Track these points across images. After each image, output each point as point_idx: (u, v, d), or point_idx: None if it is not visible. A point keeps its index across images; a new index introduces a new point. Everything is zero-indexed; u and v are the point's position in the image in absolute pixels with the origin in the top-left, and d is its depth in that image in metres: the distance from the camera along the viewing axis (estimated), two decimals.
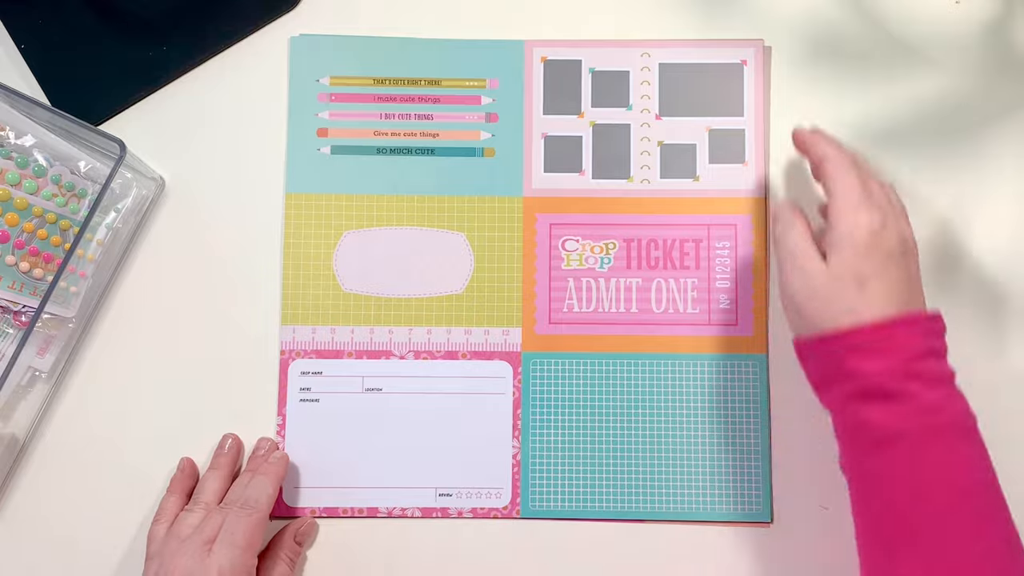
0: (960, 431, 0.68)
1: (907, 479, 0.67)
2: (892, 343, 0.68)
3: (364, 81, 0.88)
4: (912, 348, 0.68)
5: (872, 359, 0.68)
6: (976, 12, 0.89)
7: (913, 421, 0.67)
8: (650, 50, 0.88)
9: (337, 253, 0.86)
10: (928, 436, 0.67)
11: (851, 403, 0.69)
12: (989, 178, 0.87)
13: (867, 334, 0.68)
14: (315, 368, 0.86)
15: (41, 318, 0.79)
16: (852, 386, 0.69)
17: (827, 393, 0.71)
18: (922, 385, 0.67)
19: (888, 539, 0.68)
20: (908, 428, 0.67)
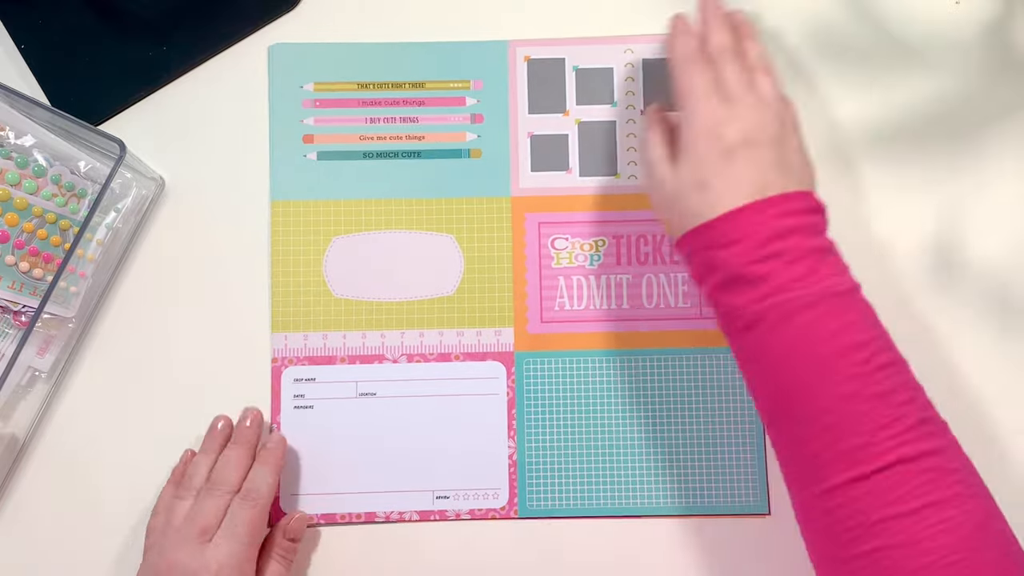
0: (830, 298, 0.75)
1: (772, 356, 0.76)
2: (740, 230, 0.76)
3: (348, 86, 0.97)
4: (764, 231, 0.76)
5: (724, 248, 0.77)
6: (976, 12, 0.97)
7: (768, 301, 0.75)
8: (633, 46, 0.97)
9: (327, 259, 0.95)
10: (785, 313, 0.75)
11: (717, 294, 0.79)
12: (989, 178, 0.95)
13: (715, 227, 0.77)
14: (308, 375, 0.94)
15: (41, 318, 0.86)
16: (716, 278, 0.78)
17: (703, 290, 0.81)
18: (782, 264, 0.75)
19: (769, 417, 0.78)
20: (764, 308, 0.75)
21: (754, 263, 0.76)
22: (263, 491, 0.87)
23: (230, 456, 0.89)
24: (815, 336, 0.75)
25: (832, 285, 0.76)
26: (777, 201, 0.77)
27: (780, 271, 0.75)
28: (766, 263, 0.76)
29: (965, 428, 0.89)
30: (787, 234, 0.76)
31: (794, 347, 0.75)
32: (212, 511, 0.85)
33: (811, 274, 0.76)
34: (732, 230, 0.77)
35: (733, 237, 0.77)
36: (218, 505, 0.86)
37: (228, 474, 0.88)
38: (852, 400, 0.73)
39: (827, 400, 0.74)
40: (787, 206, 0.77)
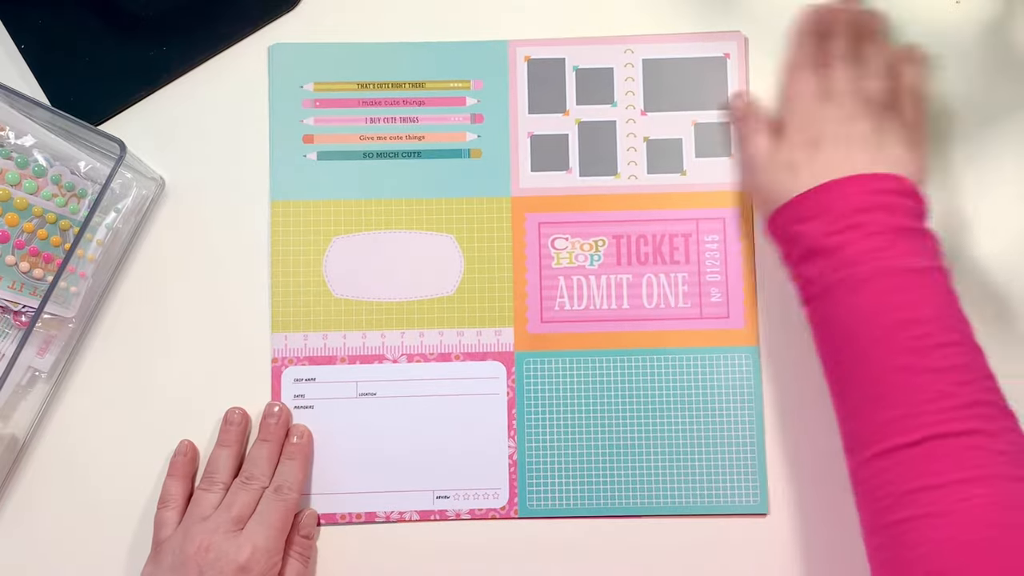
0: (902, 273, 0.78)
1: (838, 325, 0.79)
2: (822, 204, 0.81)
3: (348, 86, 0.97)
4: (844, 204, 0.80)
5: (806, 222, 0.81)
6: (976, 12, 0.97)
7: (839, 272, 0.79)
8: (633, 46, 0.97)
9: (327, 259, 0.95)
10: (854, 284, 0.78)
11: (797, 267, 0.82)
12: (989, 178, 0.96)
13: (799, 202, 0.82)
14: (308, 375, 0.94)
15: (41, 318, 0.86)
16: (797, 251, 0.82)
17: (788, 268, 0.84)
18: (859, 236, 0.78)
19: (833, 386, 0.80)
20: (835, 280, 0.79)
21: (831, 235, 0.79)
22: (294, 485, 0.89)
23: (262, 451, 0.90)
24: (878, 307, 0.77)
25: (907, 261, 0.79)
26: (863, 179, 0.81)
27: (855, 242, 0.79)
28: (842, 234, 0.79)
29: None
30: (869, 209, 0.80)
31: (858, 317, 0.78)
32: (247, 502, 0.87)
33: (887, 248, 0.78)
34: (814, 204, 0.81)
35: (815, 211, 0.81)
36: (252, 498, 0.87)
37: (262, 468, 0.89)
38: (904, 372, 0.76)
39: (881, 369, 0.76)
40: (873, 185, 0.81)
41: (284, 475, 0.89)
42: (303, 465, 0.91)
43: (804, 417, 0.93)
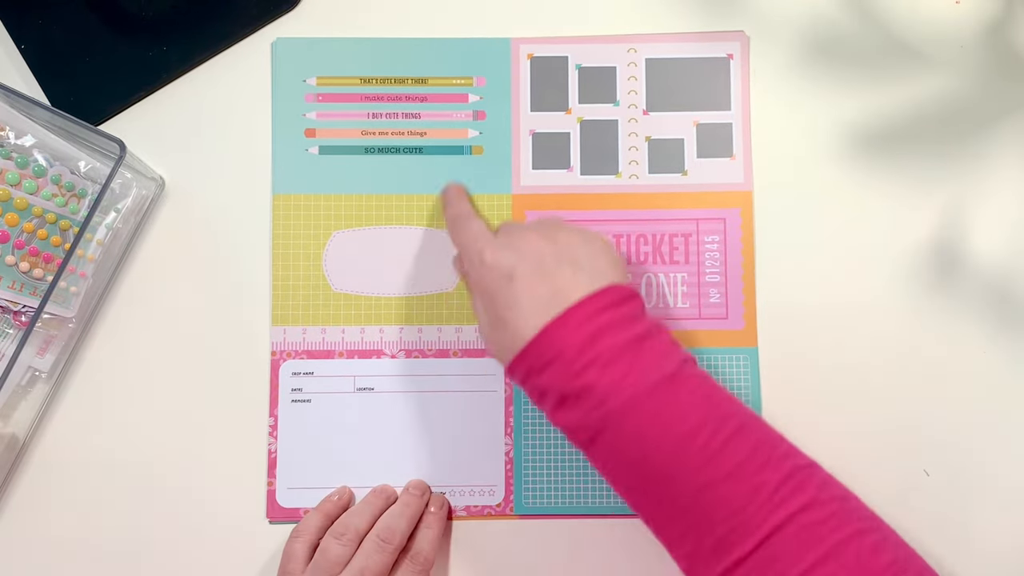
0: (651, 395, 0.74)
1: (622, 463, 0.76)
2: (552, 349, 0.76)
3: (351, 81, 0.96)
4: (573, 342, 0.76)
5: (543, 372, 0.77)
6: (976, 12, 0.97)
7: (598, 412, 0.75)
8: (636, 45, 0.96)
9: (326, 253, 0.95)
10: (617, 420, 0.74)
11: (555, 415, 0.78)
12: (989, 178, 0.95)
13: (529, 354, 0.77)
14: (306, 368, 0.94)
15: (41, 318, 0.85)
16: (549, 402, 0.78)
17: (545, 414, 0.80)
18: (597, 371, 0.75)
19: (643, 519, 0.79)
20: (597, 420, 0.75)
21: (572, 378, 0.76)
22: (430, 556, 0.89)
23: (404, 513, 0.89)
24: (651, 435, 0.74)
25: (653, 376, 0.76)
26: (577, 308, 0.77)
27: (598, 378, 0.75)
28: (584, 374, 0.75)
29: (965, 428, 0.94)
30: (597, 337, 0.76)
31: (638, 450, 0.75)
32: (380, 566, 0.86)
33: (629, 372, 0.75)
34: (545, 351, 0.77)
35: (547, 359, 0.77)
36: (386, 562, 0.86)
37: (402, 530, 0.88)
38: (707, 489, 0.73)
39: (685, 498, 0.74)
40: (589, 308, 0.77)
41: (421, 544, 0.89)
42: (438, 536, 0.91)
43: (802, 418, 0.93)
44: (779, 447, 0.76)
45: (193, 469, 0.93)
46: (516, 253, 0.81)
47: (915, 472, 0.92)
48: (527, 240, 0.82)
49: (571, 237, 0.82)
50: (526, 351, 0.78)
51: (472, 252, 0.83)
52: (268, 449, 0.94)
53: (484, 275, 0.81)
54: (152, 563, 0.93)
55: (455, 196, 0.91)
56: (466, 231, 0.86)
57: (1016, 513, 0.92)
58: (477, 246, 0.83)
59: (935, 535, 0.90)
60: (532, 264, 0.80)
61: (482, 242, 0.83)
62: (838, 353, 0.94)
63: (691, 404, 0.75)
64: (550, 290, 0.78)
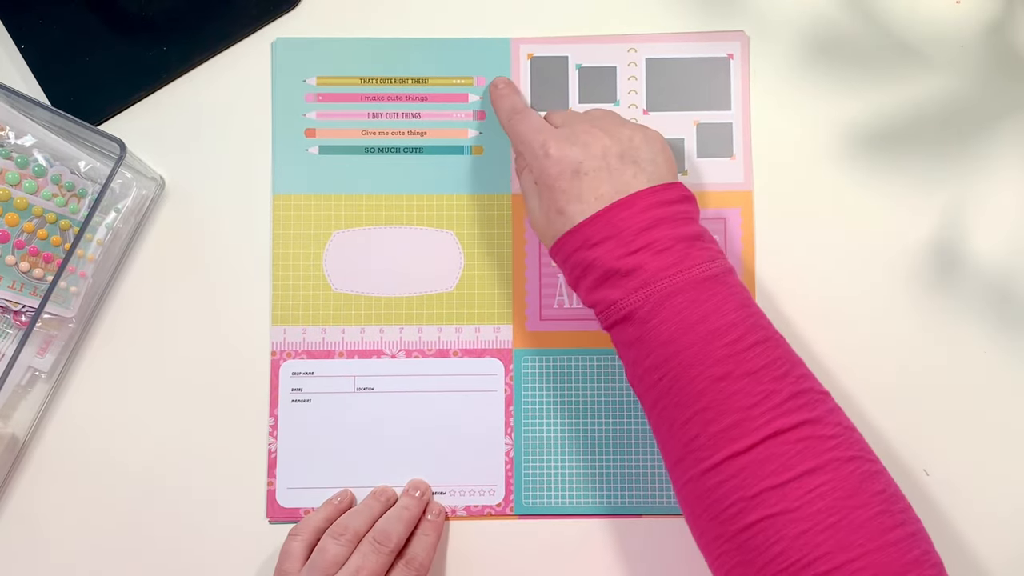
0: (701, 283, 0.78)
1: (648, 344, 0.79)
2: (611, 227, 0.79)
3: (351, 81, 0.96)
4: (631, 225, 0.79)
5: (597, 247, 0.80)
6: (976, 12, 0.97)
7: (641, 292, 0.78)
8: (636, 45, 0.96)
9: (327, 253, 0.95)
10: (657, 301, 0.78)
11: (594, 292, 0.81)
12: (989, 178, 0.95)
13: (585, 228, 0.80)
14: (306, 368, 0.94)
15: (41, 318, 0.85)
16: (591, 277, 0.81)
17: (580, 293, 0.83)
18: (651, 254, 0.78)
19: (649, 404, 0.81)
20: (638, 299, 0.78)
21: (625, 256, 0.79)
22: (425, 562, 0.89)
23: (401, 516, 0.90)
24: (685, 321, 0.78)
25: (701, 271, 0.79)
26: (642, 196, 0.80)
27: (649, 261, 0.79)
28: (636, 255, 0.79)
29: (965, 428, 0.94)
30: (655, 225, 0.79)
31: (667, 333, 0.78)
32: (376, 567, 0.85)
33: (680, 261, 0.79)
34: (602, 228, 0.80)
35: (604, 235, 0.80)
36: (382, 563, 0.86)
37: (399, 533, 0.88)
38: (724, 381, 0.76)
39: (701, 383, 0.76)
40: (652, 199, 0.80)
41: (416, 549, 0.89)
42: (436, 543, 0.91)
43: None
44: (799, 368, 0.78)
45: (193, 469, 0.93)
46: (583, 149, 0.83)
47: (915, 472, 0.92)
48: (593, 136, 0.83)
49: (634, 134, 0.84)
50: (584, 224, 0.81)
51: (535, 144, 0.85)
52: (268, 449, 0.94)
53: (548, 167, 0.83)
54: (152, 563, 0.93)
55: (507, 90, 0.94)
56: (526, 123, 0.88)
57: (1016, 513, 0.92)
58: (540, 138, 0.85)
59: (935, 535, 0.89)
60: (597, 160, 0.82)
61: (545, 134, 0.85)
62: (838, 353, 0.94)
63: (730, 305, 0.78)
64: (614, 188, 0.81)
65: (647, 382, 0.80)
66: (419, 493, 0.92)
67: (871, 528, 0.72)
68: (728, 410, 0.75)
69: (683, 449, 0.78)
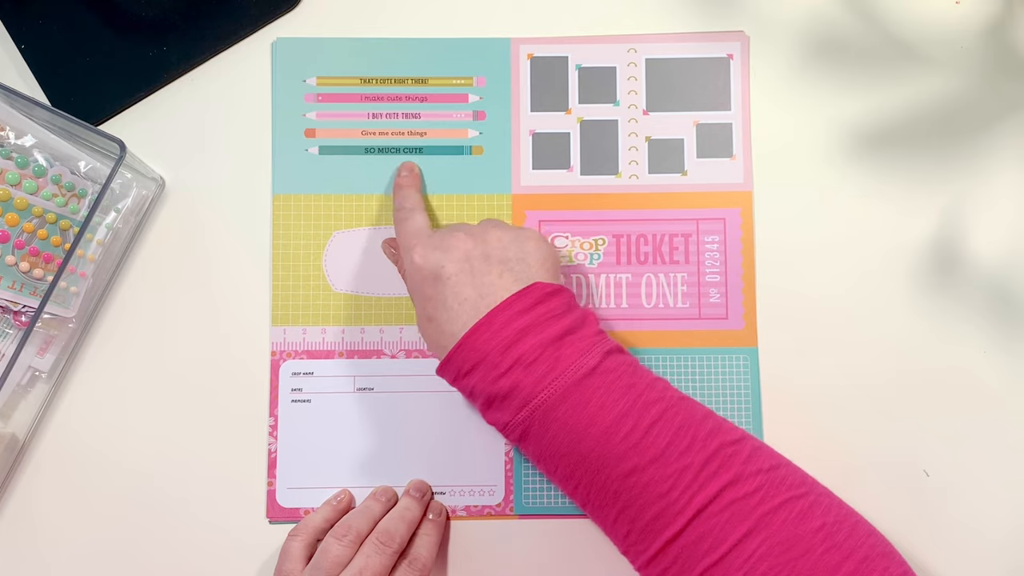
0: (576, 386, 0.77)
1: (553, 457, 0.79)
2: (477, 353, 0.79)
3: (351, 81, 0.96)
4: (497, 344, 0.78)
5: (470, 375, 0.80)
6: (976, 12, 0.97)
7: (525, 410, 0.78)
8: (636, 45, 0.97)
9: (327, 253, 0.95)
10: (543, 416, 0.78)
11: (486, 415, 0.82)
12: (989, 178, 0.95)
13: (454, 358, 0.81)
14: (306, 368, 0.94)
15: (41, 318, 0.86)
16: (478, 403, 0.82)
17: (478, 412, 0.83)
18: (521, 371, 0.78)
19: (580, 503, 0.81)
20: (525, 418, 0.78)
21: (498, 379, 0.79)
22: (427, 562, 0.88)
23: (404, 516, 0.89)
24: (575, 429, 0.77)
25: (575, 372, 0.78)
26: (499, 310, 0.80)
27: (523, 377, 0.78)
28: (508, 375, 0.78)
29: (965, 428, 0.93)
30: (519, 338, 0.79)
31: (564, 445, 0.78)
32: (379, 568, 0.85)
33: (552, 369, 0.78)
34: (469, 356, 0.80)
35: (472, 362, 0.80)
36: (385, 564, 0.85)
37: (402, 533, 0.88)
38: (632, 475, 0.76)
39: (613, 484, 0.77)
40: (510, 311, 0.80)
41: (419, 549, 0.89)
42: (437, 543, 0.90)
43: (802, 418, 0.93)
44: (703, 427, 0.77)
45: (193, 469, 0.93)
46: (444, 254, 0.83)
47: (915, 472, 0.92)
48: (456, 239, 0.83)
49: (502, 235, 0.84)
50: (452, 355, 0.81)
51: (406, 248, 0.86)
52: (268, 449, 0.93)
53: (413, 273, 0.84)
54: (152, 563, 0.92)
55: (406, 181, 0.94)
56: (407, 224, 0.88)
57: (1016, 513, 0.92)
58: (411, 243, 0.86)
59: (935, 535, 0.90)
60: (459, 263, 0.82)
61: (417, 239, 0.86)
62: (838, 353, 0.93)
63: (613, 396, 0.77)
64: (476, 292, 0.81)
65: (566, 490, 0.81)
66: (420, 494, 0.91)
67: (821, 571, 0.72)
68: (647, 502, 0.75)
69: (622, 544, 0.79)
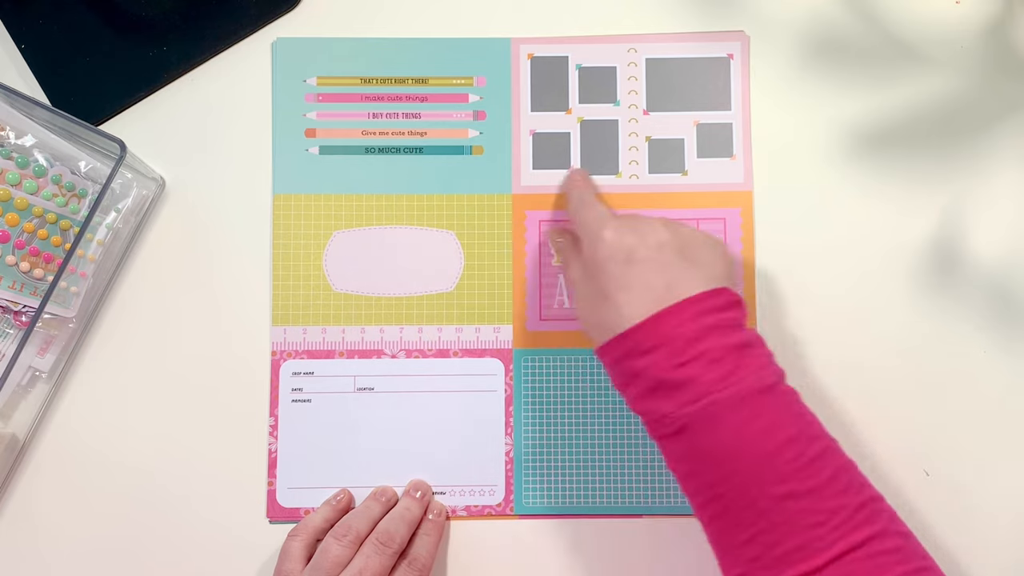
0: (755, 396, 0.75)
1: (705, 460, 0.76)
2: (659, 336, 0.77)
3: (351, 81, 0.96)
4: (682, 334, 0.76)
5: (645, 356, 0.77)
6: (976, 12, 0.97)
7: (694, 405, 0.75)
8: (637, 45, 0.96)
9: (327, 253, 0.95)
10: (712, 416, 0.75)
11: (642, 401, 0.79)
12: (989, 178, 0.95)
13: (632, 336, 0.78)
14: (307, 368, 0.94)
15: (41, 318, 0.86)
16: (639, 386, 0.78)
17: (627, 398, 0.81)
18: (703, 366, 0.75)
19: (706, 517, 0.78)
20: (691, 412, 0.75)
21: (676, 367, 0.76)
22: (427, 562, 0.89)
23: (404, 516, 0.89)
24: (744, 437, 0.75)
25: (755, 382, 0.76)
26: (691, 303, 0.78)
27: (702, 373, 0.76)
28: (688, 367, 0.76)
29: (965, 428, 0.93)
30: (705, 334, 0.77)
31: (725, 449, 0.75)
32: (379, 568, 0.85)
33: (732, 373, 0.76)
34: (651, 336, 0.77)
35: (652, 344, 0.77)
36: (385, 564, 0.85)
37: (402, 533, 0.88)
38: (787, 500, 0.74)
39: (763, 502, 0.74)
40: (701, 306, 0.78)
41: (419, 549, 0.89)
42: (437, 543, 0.91)
43: None
44: (856, 475, 0.76)
45: (193, 469, 0.93)
46: (640, 239, 0.81)
47: (915, 472, 0.92)
48: (652, 227, 0.82)
49: (696, 235, 0.83)
50: (630, 332, 0.78)
51: (593, 227, 0.83)
52: (268, 449, 0.94)
53: (601, 251, 0.81)
54: (152, 562, 0.93)
55: (581, 181, 0.92)
56: (590, 209, 0.86)
57: (1016, 513, 0.92)
58: (599, 222, 0.83)
59: (935, 536, 0.90)
60: (652, 251, 0.80)
61: (606, 220, 0.83)
62: (838, 353, 0.94)
63: (785, 419, 0.76)
64: (665, 281, 0.79)
65: (702, 497, 0.78)
66: (420, 494, 0.91)
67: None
68: (793, 530, 0.73)
69: (743, 566, 0.76)
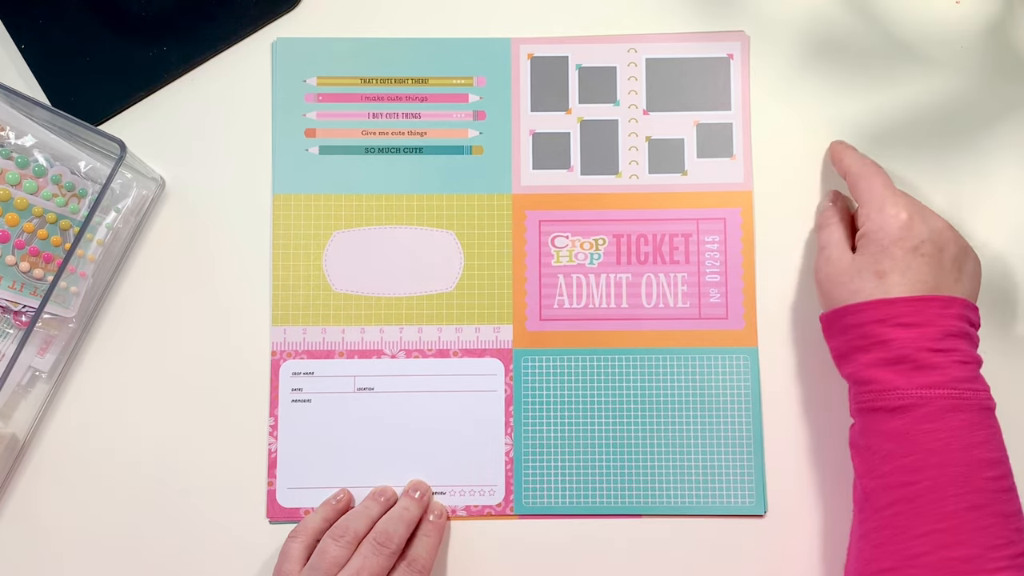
0: (981, 411, 0.79)
1: (915, 445, 0.78)
2: (925, 315, 0.80)
3: (351, 81, 0.96)
4: (944, 324, 0.80)
5: (905, 328, 0.80)
6: (976, 12, 0.97)
7: (935, 391, 0.78)
8: (637, 45, 0.97)
9: (327, 253, 0.95)
10: (944, 408, 0.78)
11: (874, 369, 0.80)
12: (989, 178, 0.96)
13: (897, 305, 0.80)
14: (306, 368, 0.94)
15: (41, 318, 0.86)
16: (879, 353, 0.80)
17: (850, 363, 0.82)
18: (955, 361, 0.79)
19: (878, 499, 0.79)
20: (927, 397, 0.78)
21: (930, 351, 0.79)
22: (427, 564, 0.88)
23: (403, 516, 0.89)
24: (960, 440, 0.78)
25: (986, 398, 0.80)
26: (959, 303, 0.81)
27: (952, 367, 0.79)
28: (941, 355, 0.79)
29: None
30: (961, 336, 0.81)
31: (939, 444, 0.78)
32: (377, 569, 0.85)
33: (975, 379, 0.80)
34: (917, 312, 0.80)
35: (916, 320, 0.80)
36: (383, 565, 0.85)
37: (400, 533, 0.88)
38: (976, 511, 0.76)
39: (952, 504, 0.76)
40: (965, 311, 0.82)
41: (418, 550, 0.89)
42: (437, 544, 0.90)
43: (802, 418, 0.93)
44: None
45: (193, 469, 0.93)
46: (931, 232, 0.83)
47: None
48: (940, 224, 0.85)
49: (967, 248, 0.86)
50: (902, 301, 0.81)
51: (889, 201, 0.85)
52: (268, 449, 0.93)
53: (894, 229, 0.83)
54: (152, 562, 0.92)
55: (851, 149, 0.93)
56: (881, 178, 0.87)
57: None
58: (896, 199, 0.85)
59: None
60: (936, 249, 0.83)
61: (901, 197, 0.85)
62: None
63: (997, 441, 0.80)
64: (935, 281, 0.82)
65: (892, 480, 0.79)
66: (419, 494, 0.91)
67: None
68: (971, 542, 0.75)
69: (899, 557, 0.77)
